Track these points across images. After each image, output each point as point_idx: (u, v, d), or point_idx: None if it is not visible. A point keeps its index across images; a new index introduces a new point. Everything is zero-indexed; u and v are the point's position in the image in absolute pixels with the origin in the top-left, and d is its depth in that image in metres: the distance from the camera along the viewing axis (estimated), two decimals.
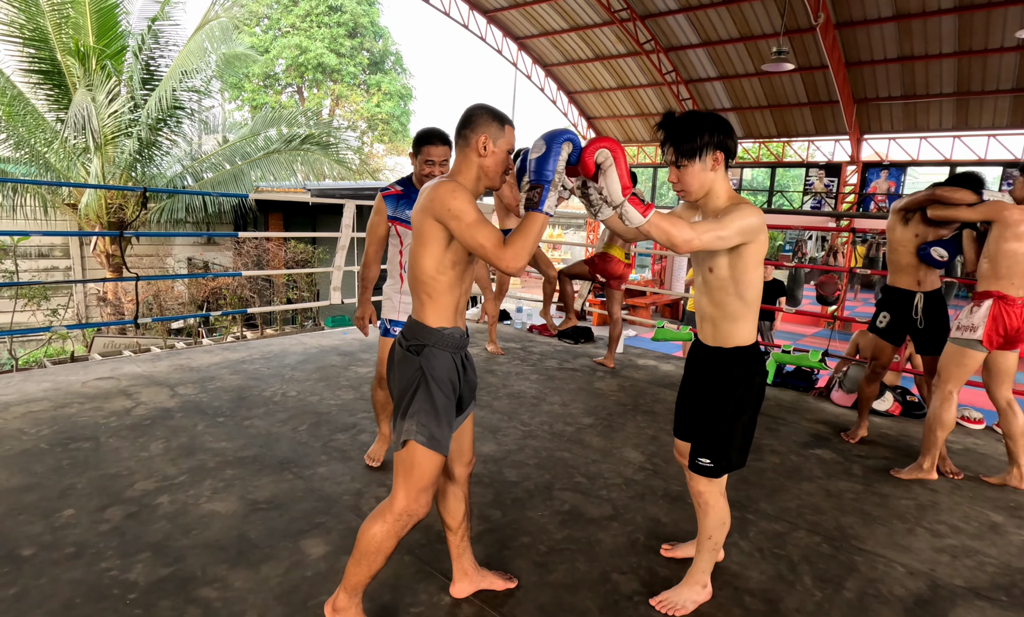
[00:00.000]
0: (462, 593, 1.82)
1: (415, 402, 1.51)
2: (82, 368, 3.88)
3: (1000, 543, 2.31)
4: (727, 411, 1.72)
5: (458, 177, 1.55)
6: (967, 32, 10.36)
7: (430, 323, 1.54)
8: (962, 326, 2.72)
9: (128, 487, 2.35)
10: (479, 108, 1.56)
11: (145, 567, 1.86)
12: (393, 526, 1.52)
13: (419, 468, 1.51)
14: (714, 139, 1.58)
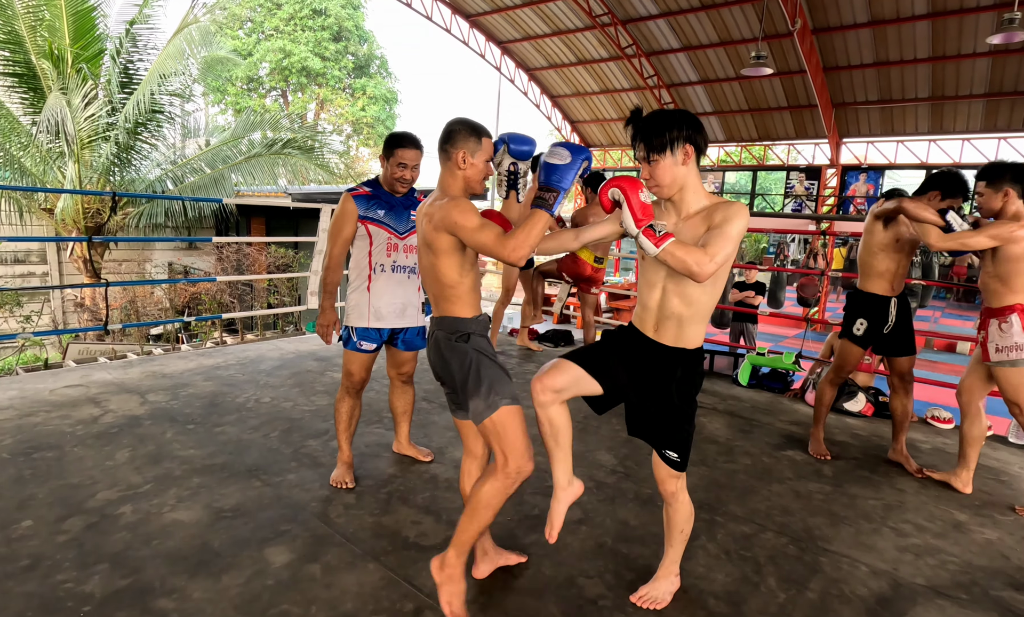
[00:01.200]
0: (483, 574, 1.94)
1: (483, 377, 1.69)
2: (51, 376, 3.81)
3: (963, 541, 2.35)
4: (690, 412, 1.77)
5: (449, 192, 1.74)
6: (940, 38, 10.57)
7: (466, 315, 1.75)
8: (1004, 348, 2.55)
9: (90, 497, 2.30)
10: (457, 124, 1.73)
11: (102, 579, 1.83)
12: (503, 483, 1.67)
13: (514, 431, 1.68)
14: (683, 133, 1.59)
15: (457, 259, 1.70)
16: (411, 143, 2.44)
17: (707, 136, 1.66)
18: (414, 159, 2.45)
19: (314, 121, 26.61)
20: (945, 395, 6.02)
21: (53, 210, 8.93)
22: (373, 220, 2.48)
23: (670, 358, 1.73)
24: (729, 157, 16.30)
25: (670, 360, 1.73)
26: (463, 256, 1.71)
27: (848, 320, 3.06)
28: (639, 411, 1.85)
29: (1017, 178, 2.48)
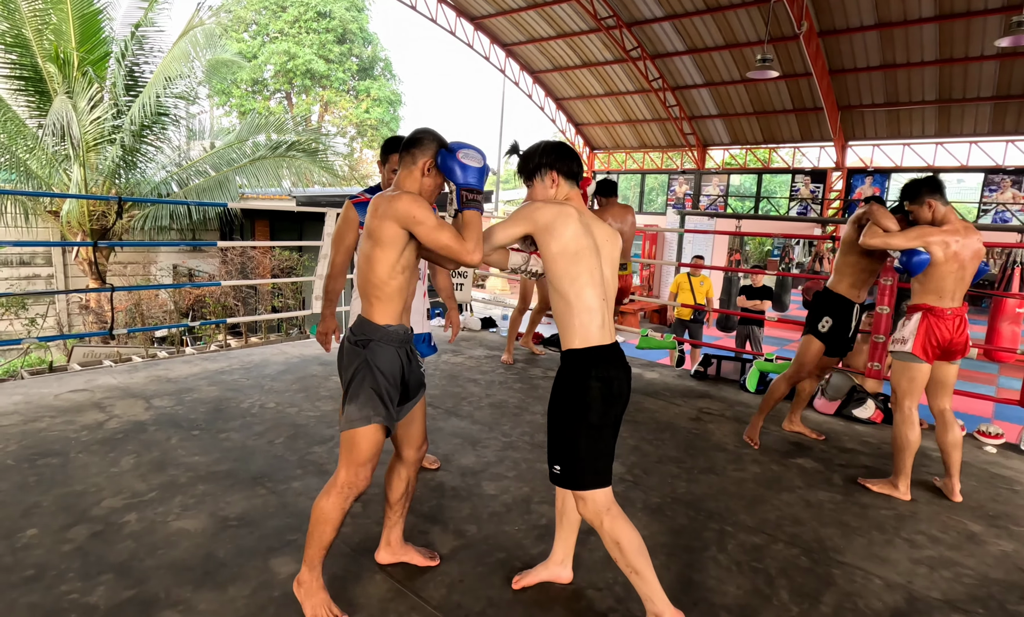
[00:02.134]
0: (384, 560, 1.99)
1: (363, 390, 1.67)
2: (56, 380, 3.80)
3: (978, 553, 2.31)
4: (563, 419, 1.68)
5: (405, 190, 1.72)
6: (948, 40, 10.52)
7: (377, 321, 1.71)
8: (895, 339, 2.81)
9: (95, 505, 2.29)
10: (428, 133, 1.75)
11: (107, 589, 1.81)
12: (336, 498, 1.68)
13: (358, 446, 1.68)
14: (543, 161, 1.77)
15: (393, 256, 1.66)
16: None
17: (576, 163, 1.80)
18: None
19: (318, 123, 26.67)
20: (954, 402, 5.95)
21: (59, 212, 8.95)
22: None
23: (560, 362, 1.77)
24: (734, 160, 16.25)
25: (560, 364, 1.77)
26: (399, 255, 1.67)
27: (814, 317, 3.20)
28: None
29: (933, 189, 2.70)
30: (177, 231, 10.47)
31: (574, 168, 1.79)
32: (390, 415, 1.70)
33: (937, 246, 2.63)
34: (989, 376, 9.16)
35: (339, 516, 1.69)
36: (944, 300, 2.69)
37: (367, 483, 1.70)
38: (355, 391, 1.68)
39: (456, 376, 4.32)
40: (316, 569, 1.72)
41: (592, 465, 1.69)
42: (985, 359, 9.92)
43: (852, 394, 3.90)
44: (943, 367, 2.79)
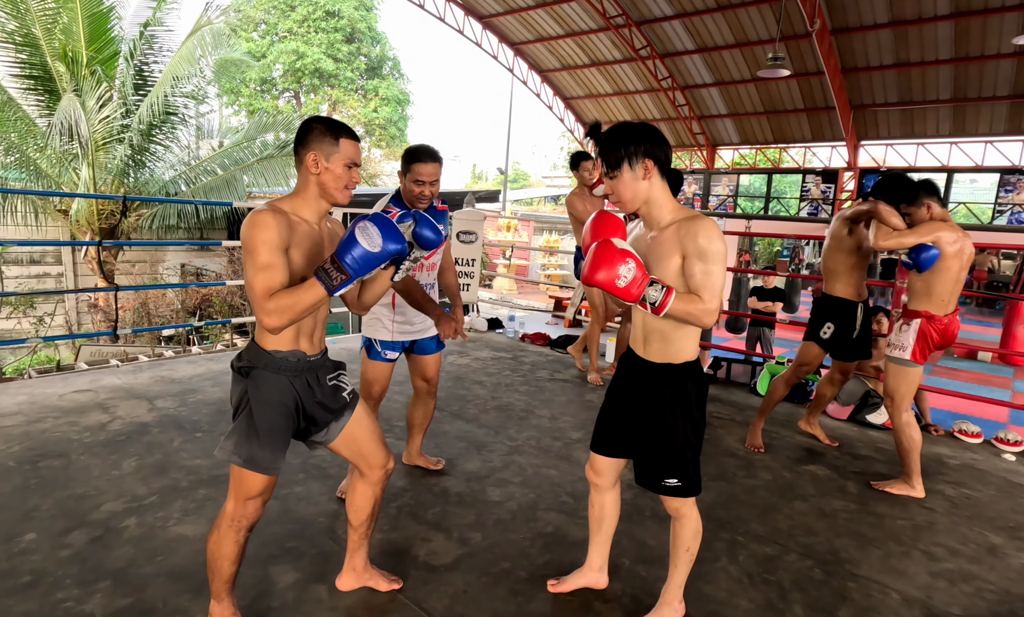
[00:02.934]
0: (346, 586, 1.86)
1: (238, 423, 1.53)
2: (61, 380, 3.79)
3: (999, 567, 2.23)
4: (688, 431, 1.65)
5: (297, 197, 1.53)
6: (963, 38, 10.35)
7: (265, 346, 1.53)
8: (894, 345, 2.81)
9: (95, 509, 2.26)
10: (311, 122, 1.51)
11: (103, 598, 1.77)
12: (227, 531, 1.56)
13: (244, 481, 1.54)
14: (641, 148, 1.54)
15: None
16: (429, 157, 2.28)
17: (669, 149, 1.60)
18: (432, 175, 2.29)
19: None
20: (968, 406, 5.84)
21: (68, 211, 9.00)
22: None
23: (658, 376, 1.66)
24: (744, 159, 16.12)
25: (658, 379, 1.66)
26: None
27: (815, 323, 3.15)
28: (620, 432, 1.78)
29: (930, 190, 2.72)
30: (185, 230, 10.51)
31: (669, 155, 1.59)
32: (254, 459, 1.50)
33: (946, 242, 2.64)
34: (1005, 380, 9.00)
35: (234, 549, 1.56)
36: (942, 307, 2.73)
37: (257, 515, 1.58)
38: (235, 424, 1.53)
39: (462, 378, 4.28)
40: (224, 601, 1.63)
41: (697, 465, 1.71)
42: (1000, 362, 9.78)
43: (866, 399, 3.81)
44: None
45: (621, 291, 1.48)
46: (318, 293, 1.40)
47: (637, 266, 1.48)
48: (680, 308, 1.48)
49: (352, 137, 1.53)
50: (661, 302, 1.47)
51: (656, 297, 1.47)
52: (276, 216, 1.43)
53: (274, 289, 1.40)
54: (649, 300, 1.48)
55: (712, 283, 1.50)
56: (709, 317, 1.49)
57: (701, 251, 1.49)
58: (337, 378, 1.68)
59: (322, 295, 1.41)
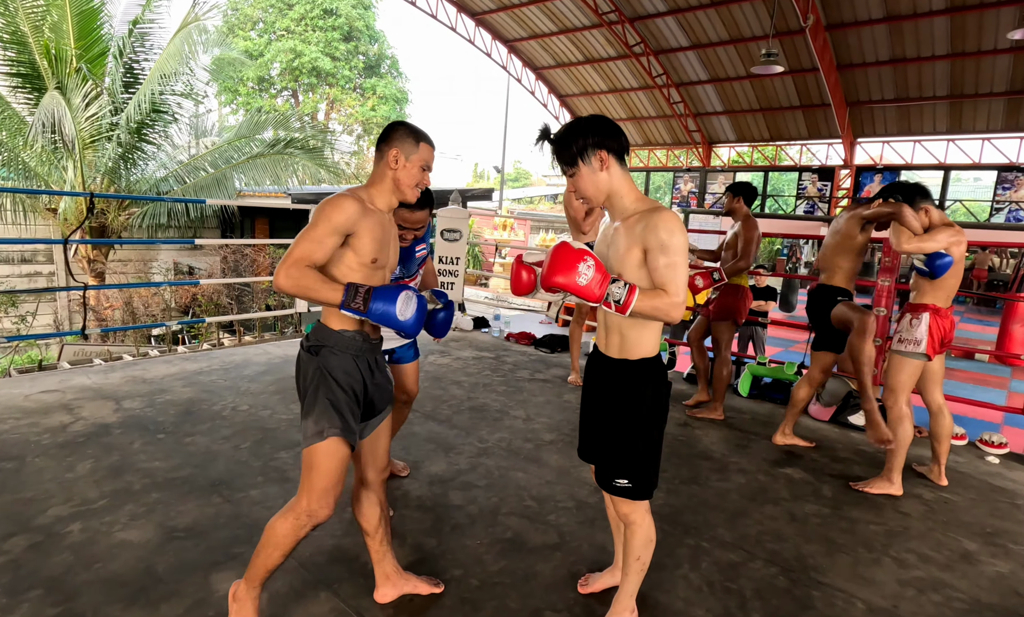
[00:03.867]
0: (386, 598, 1.81)
1: (318, 401, 1.54)
2: (30, 380, 3.73)
3: (971, 574, 2.16)
4: (639, 430, 1.60)
5: (373, 188, 1.63)
6: (959, 34, 10.25)
7: (332, 326, 1.59)
8: (905, 339, 2.79)
9: (40, 513, 2.20)
10: (397, 124, 1.64)
11: (32, 607, 1.71)
12: (294, 524, 1.55)
13: (321, 467, 1.53)
14: (591, 140, 1.53)
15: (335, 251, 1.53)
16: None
17: (622, 139, 1.56)
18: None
19: (324, 121, 26.68)
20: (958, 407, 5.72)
21: (57, 210, 8.95)
22: None
23: (615, 372, 1.62)
24: (740, 158, 16.01)
25: (614, 374, 1.62)
26: (343, 249, 1.54)
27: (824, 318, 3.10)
28: (588, 432, 1.74)
29: (924, 195, 2.75)
30: (175, 229, 10.45)
31: (624, 143, 1.57)
32: (350, 428, 1.55)
33: (956, 247, 2.68)
34: (1001, 380, 8.90)
35: (292, 544, 1.56)
36: (947, 300, 2.78)
37: (329, 513, 1.56)
38: (310, 403, 1.55)
39: (440, 378, 4.21)
40: (255, 589, 1.61)
41: (656, 469, 1.66)
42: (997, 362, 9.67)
43: (848, 400, 3.74)
44: (937, 360, 2.87)
45: (582, 290, 1.45)
46: (334, 298, 1.50)
47: (596, 266, 1.45)
48: (646, 304, 1.45)
49: (430, 143, 1.66)
50: (625, 300, 1.45)
51: (620, 295, 1.45)
52: (354, 204, 1.52)
53: (308, 261, 1.47)
54: (613, 298, 1.46)
55: (676, 276, 1.47)
56: (676, 311, 1.46)
57: (662, 244, 1.46)
58: (387, 367, 1.75)
59: (336, 301, 1.50)
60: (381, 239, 1.60)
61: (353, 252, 1.55)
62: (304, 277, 1.46)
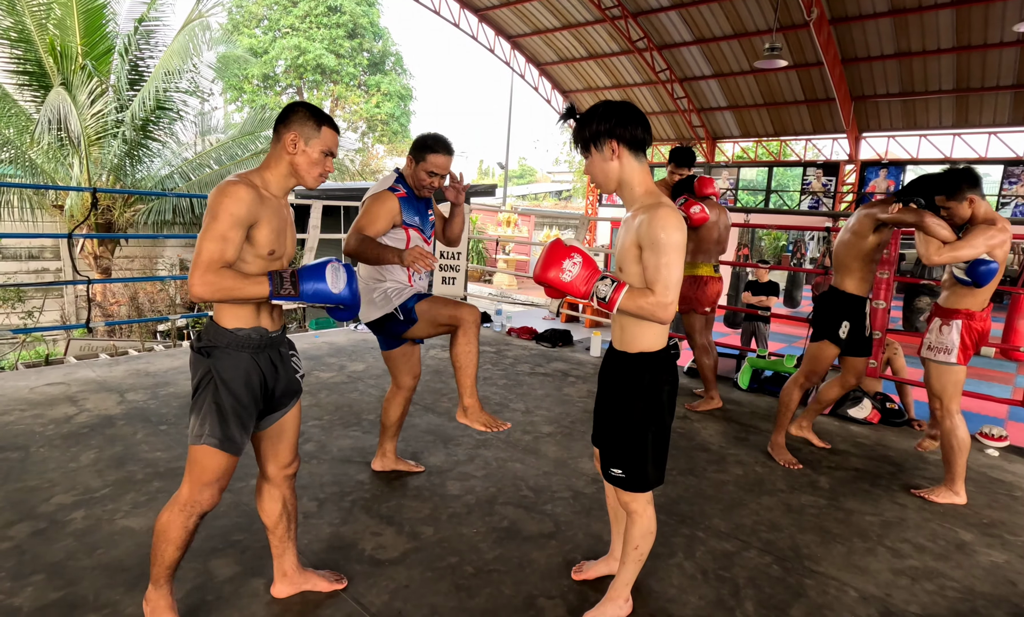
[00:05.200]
0: (281, 594, 1.77)
1: (205, 405, 1.48)
2: (36, 373, 3.78)
3: (966, 564, 2.17)
4: (633, 422, 1.60)
5: (267, 171, 1.53)
6: (965, 27, 10.16)
7: (225, 324, 1.50)
8: (935, 347, 2.65)
9: (44, 501, 2.23)
10: (296, 105, 1.54)
11: (35, 591, 1.74)
12: (178, 515, 1.51)
13: (201, 465, 1.50)
14: (603, 127, 1.50)
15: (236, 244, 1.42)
16: (444, 150, 2.28)
17: (639, 129, 1.50)
18: (445, 167, 2.30)
19: None
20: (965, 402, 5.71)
21: (63, 206, 9.02)
22: (411, 225, 2.32)
23: (617, 364, 1.64)
24: (745, 153, 15.96)
25: (617, 366, 1.64)
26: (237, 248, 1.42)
27: (831, 322, 2.92)
28: (595, 419, 1.77)
29: (973, 183, 2.51)
30: (180, 225, 10.51)
31: (639, 134, 1.50)
32: (230, 438, 1.48)
33: (999, 248, 2.45)
34: (1007, 375, 8.85)
35: (182, 535, 1.51)
36: (984, 303, 2.62)
37: (213, 503, 1.53)
38: (197, 404, 1.49)
39: (441, 371, 4.23)
40: (163, 587, 1.56)
41: (657, 465, 1.66)
42: (1003, 357, 9.62)
43: (847, 393, 3.73)
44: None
45: (567, 286, 1.47)
46: (262, 291, 1.42)
47: (584, 262, 1.46)
48: (630, 304, 1.46)
49: (334, 128, 1.56)
50: (611, 297, 1.45)
51: (606, 292, 1.45)
52: (250, 191, 1.43)
53: (221, 262, 1.39)
54: (598, 295, 1.46)
55: (665, 277, 1.44)
56: (663, 311, 1.44)
57: (655, 242, 1.44)
58: (293, 358, 1.66)
59: (263, 295, 1.43)
60: (278, 228, 1.51)
61: (249, 244, 1.46)
62: (221, 279, 1.38)
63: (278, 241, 1.51)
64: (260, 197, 1.46)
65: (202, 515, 1.53)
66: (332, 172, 1.61)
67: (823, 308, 2.98)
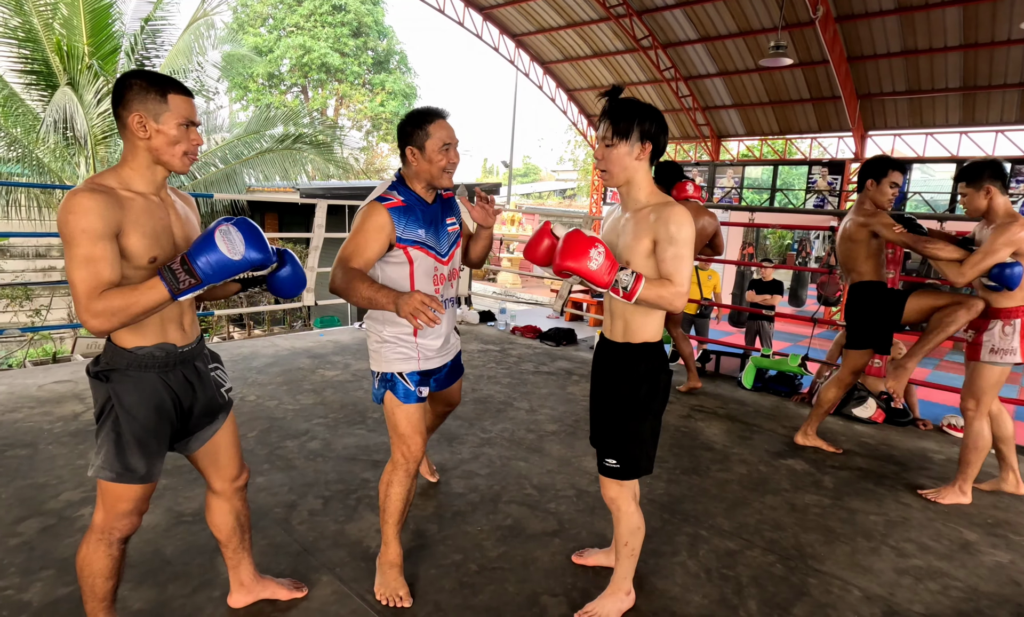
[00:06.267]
0: (238, 603, 1.72)
1: (103, 434, 1.36)
2: (43, 371, 3.81)
3: (970, 564, 2.16)
4: (633, 409, 1.64)
5: (125, 168, 1.32)
6: (972, 24, 10.10)
7: (123, 343, 1.34)
8: (1001, 350, 2.56)
9: (52, 498, 2.26)
10: (128, 77, 1.29)
11: (44, 586, 1.76)
12: (97, 545, 1.40)
13: (114, 495, 1.38)
14: (645, 127, 1.55)
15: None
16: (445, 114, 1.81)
17: (667, 140, 1.60)
18: (454, 136, 1.78)
19: (334, 117, 26.77)
20: None
21: None
22: (414, 242, 1.76)
23: (616, 355, 1.68)
24: (750, 151, 15.91)
25: (616, 357, 1.68)
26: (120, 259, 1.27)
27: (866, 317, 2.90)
28: (592, 416, 1.79)
29: (996, 174, 2.51)
30: None
31: (664, 145, 1.60)
32: (130, 469, 1.35)
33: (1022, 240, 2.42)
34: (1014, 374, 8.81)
35: (107, 563, 1.40)
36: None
37: (132, 528, 1.42)
38: (98, 433, 1.37)
39: None
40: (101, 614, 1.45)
41: (649, 454, 1.70)
42: None
43: (852, 392, 3.73)
44: None
45: (593, 275, 1.49)
46: (159, 295, 1.24)
47: (607, 253, 1.51)
48: (651, 293, 1.50)
49: (183, 92, 1.33)
50: (632, 287, 1.50)
51: (627, 282, 1.50)
52: (97, 197, 1.22)
53: (101, 286, 1.22)
54: (621, 285, 1.51)
55: (681, 268, 1.52)
56: (679, 300, 1.52)
57: (671, 237, 1.52)
58: (216, 371, 1.54)
59: (164, 298, 1.24)
60: (154, 230, 1.31)
61: (124, 258, 1.27)
62: (110, 302, 1.21)
63: (157, 245, 1.32)
64: (117, 200, 1.26)
65: (124, 540, 1.43)
66: (200, 144, 1.34)
67: (854, 309, 2.95)
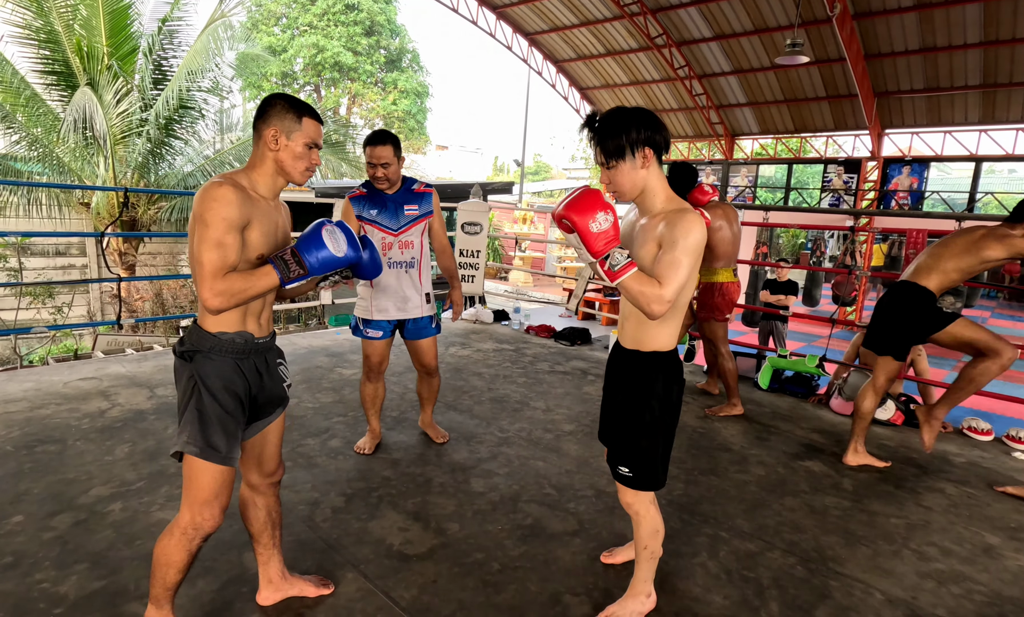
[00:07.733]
0: (267, 601, 1.75)
1: (188, 412, 1.44)
2: (68, 368, 3.88)
3: (993, 568, 2.15)
4: (646, 429, 1.63)
5: (253, 172, 1.50)
6: (993, 21, 9.95)
7: (208, 328, 1.46)
8: None
9: (83, 493, 2.31)
10: (275, 98, 1.48)
11: (79, 579, 1.81)
12: (180, 540, 1.45)
13: (197, 481, 1.45)
14: (640, 135, 1.49)
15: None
16: (379, 140, 2.51)
17: (667, 133, 1.53)
18: (381, 157, 2.50)
19: (346, 116, 26.92)
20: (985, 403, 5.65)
21: (90, 204, 9.22)
22: (368, 220, 2.62)
23: (625, 361, 1.67)
24: (764, 150, 15.78)
25: (624, 364, 1.67)
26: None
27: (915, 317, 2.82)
28: (603, 417, 1.80)
29: None
30: None
31: (667, 138, 1.53)
32: (212, 446, 1.42)
33: None
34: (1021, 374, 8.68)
35: (184, 558, 1.46)
36: None
37: (215, 524, 1.47)
38: (182, 412, 1.45)
39: (461, 369, 4.27)
40: (163, 608, 1.50)
41: (664, 465, 1.69)
42: None
43: None
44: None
45: (589, 236, 1.42)
46: (272, 281, 1.40)
47: (614, 225, 1.44)
48: (635, 285, 1.44)
49: (315, 118, 1.51)
50: (620, 268, 1.43)
51: (618, 262, 1.43)
52: (237, 192, 1.38)
53: (225, 269, 1.36)
54: (611, 261, 1.44)
55: (675, 275, 1.45)
56: (658, 305, 1.44)
57: (675, 241, 1.46)
58: (281, 366, 1.64)
59: (275, 284, 1.41)
60: (268, 231, 1.47)
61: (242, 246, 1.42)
62: (230, 285, 1.36)
63: (268, 245, 1.47)
64: (249, 198, 1.42)
65: (205, 538, 1.48)
66: (319, 165, 1.55)
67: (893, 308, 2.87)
